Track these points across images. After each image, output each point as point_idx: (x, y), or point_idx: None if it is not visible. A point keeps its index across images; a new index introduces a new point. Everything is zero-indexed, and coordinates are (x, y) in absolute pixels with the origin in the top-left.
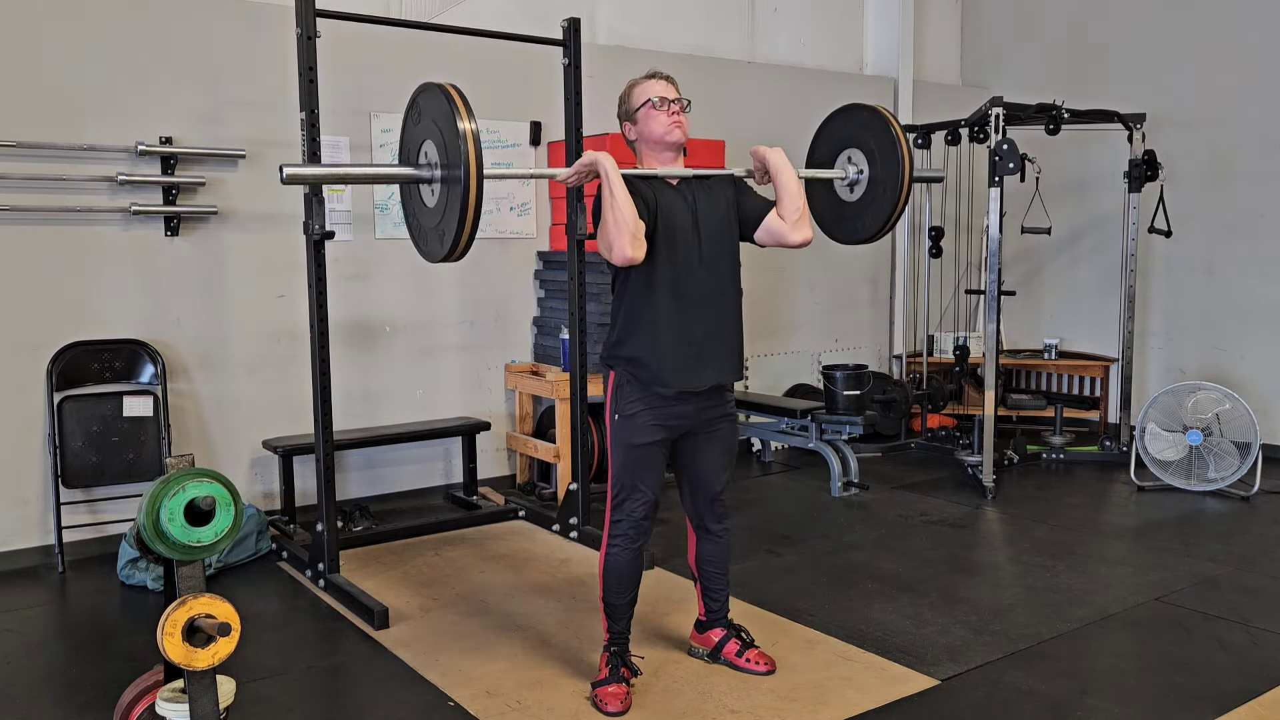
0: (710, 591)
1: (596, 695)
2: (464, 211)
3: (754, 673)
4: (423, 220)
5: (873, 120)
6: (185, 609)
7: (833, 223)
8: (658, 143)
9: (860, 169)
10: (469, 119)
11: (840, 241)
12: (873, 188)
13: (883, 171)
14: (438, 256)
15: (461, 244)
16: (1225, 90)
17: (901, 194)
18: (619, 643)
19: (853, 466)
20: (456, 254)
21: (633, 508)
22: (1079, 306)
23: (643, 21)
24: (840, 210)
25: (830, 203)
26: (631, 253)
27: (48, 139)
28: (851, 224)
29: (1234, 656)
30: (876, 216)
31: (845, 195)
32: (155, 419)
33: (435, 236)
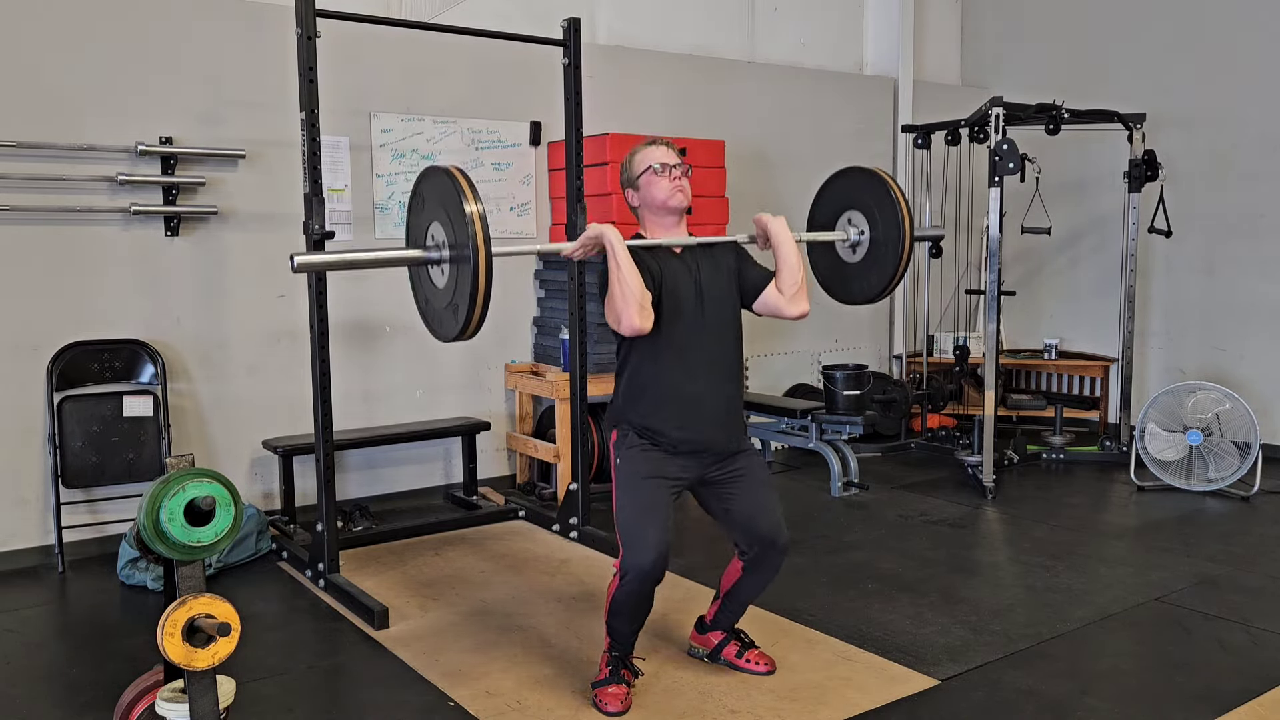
0: (729, 609)
1: (596, 695)
2: (474, 292)
3: (754, 673)
4: (433, 300)
5: (872, 183)
6: (185, 609)
7: (836, 284)
8: (660, 208)
9: (861, 230)
10: (474, 201)
11: (843, 302)
12: (874, 249)
13: (883, 233)
14: (450, 336)
15: (473, 324)
16: (1225, 90)
17: (903, 255)
18: (621, 649)
19: (853, 466)
20: (469, 333)
21: (639, 558)
22: (1079, 306)
23: (643, 21)
24: (842, 271)
25: (832, 264)
26: (639, 324)
27: (48, 139)
28: (854, 284)
29: (1234, 656)
30: (880, 277)
31: (847, 257)
32: (155, 419)
33: (447, 315)
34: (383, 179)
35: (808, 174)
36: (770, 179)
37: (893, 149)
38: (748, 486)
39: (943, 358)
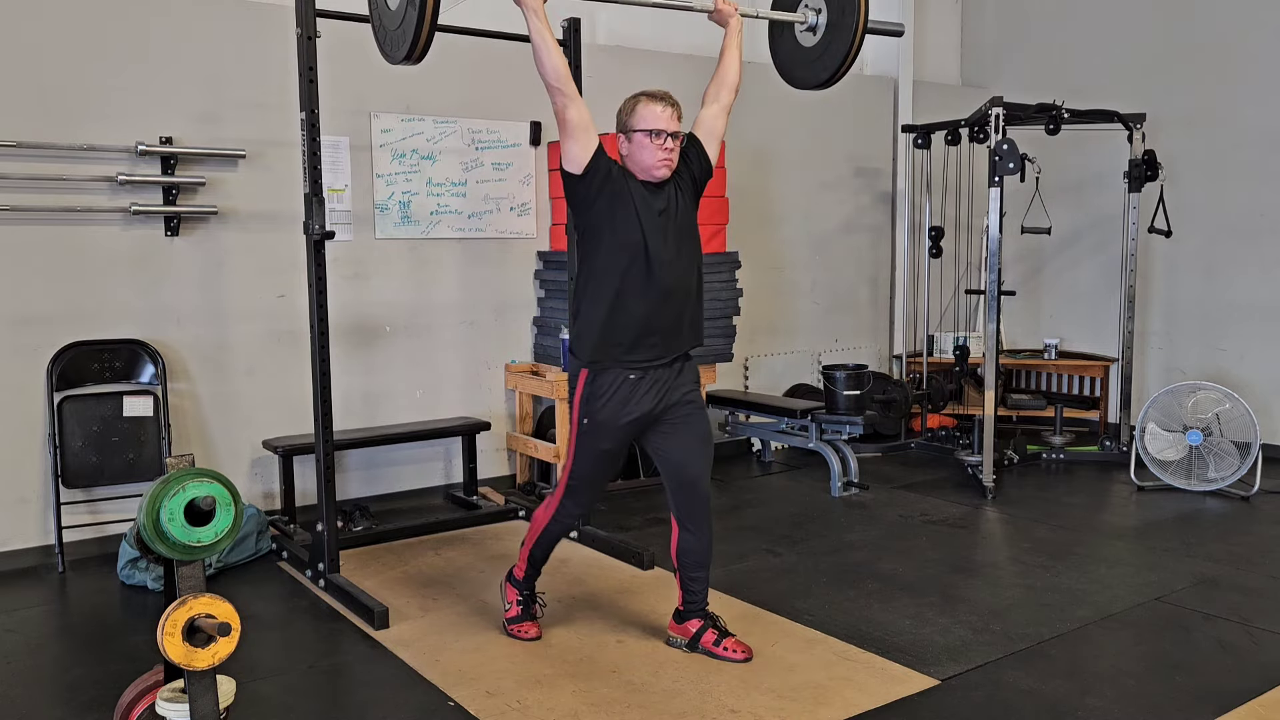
0: (689, 583)
1: (513, 630)
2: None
3: (732, 660)
4: (386, 23)
5: None
6: (185, 609)
7: (792, 66)
8: (644, 172)
9: (819, 11)
10: None
11: (797, 85)
12: (830, 32)
13: (839, 18)
14: (398, 57)
15: (421, 41)
16: (1225, 90)
17: (855, 38)
18: (529, 587)
19: (853, 466)
20: (416, 53)
21: (581, 499)
22: (1079, 306)
23: (643, 21)
24: (799, 54)
25: (790, 47)
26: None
27: (48, 139)
28: (808, 68)
29: (1234, 656)
30: (830, 60)
31: (804, 41)
32: (155, 419)
33: (397, 37)
34: (383, 179)
35: (808, 174)
36: (770, 179)
37: (893, 149)
38: (686, 435)
39: (943, 358)
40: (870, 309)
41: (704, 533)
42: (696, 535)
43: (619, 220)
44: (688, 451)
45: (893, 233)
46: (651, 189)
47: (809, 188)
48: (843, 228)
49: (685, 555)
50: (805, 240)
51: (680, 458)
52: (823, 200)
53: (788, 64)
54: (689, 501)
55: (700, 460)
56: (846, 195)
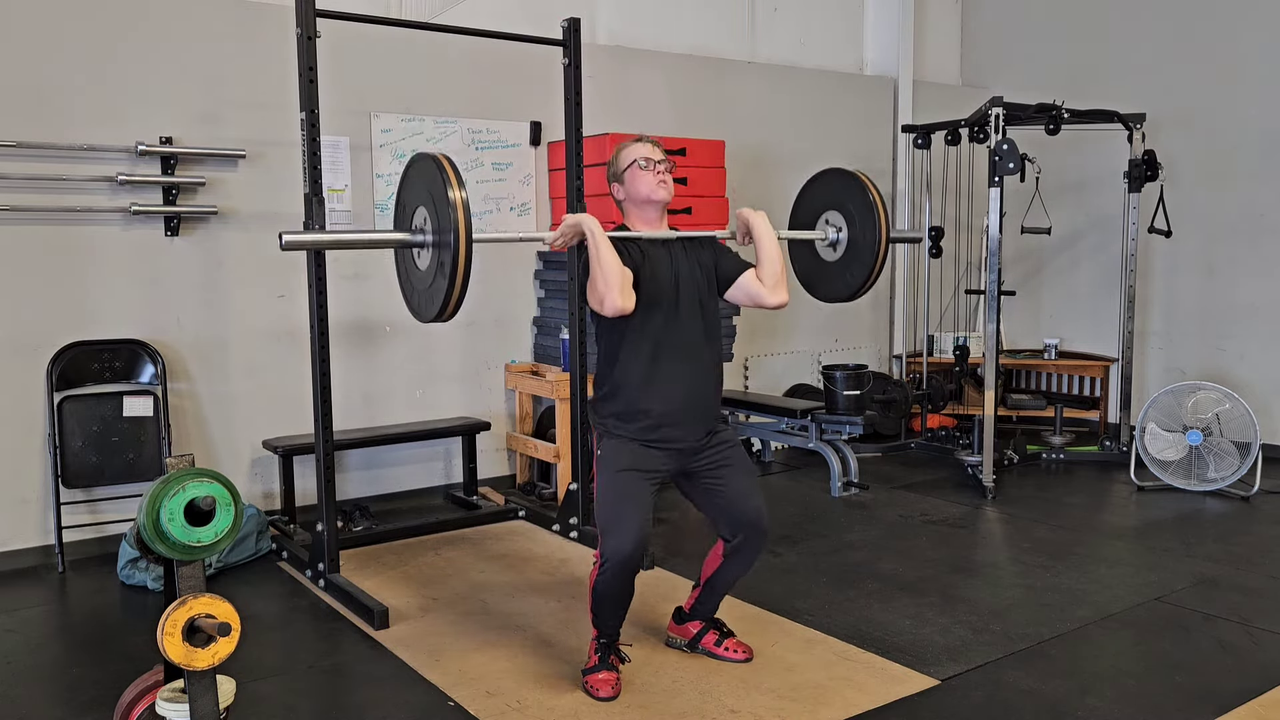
0: (708, 598)
1: (587, 682)
2: (453, 275)
3: (733, 660)
4: (415, 282)
5: (851, 184)
6: (185, 609)
7: (814, 282)
8: (644, 201)
9: (839, 229)
10: (459, 188)
11: (821, 299)
12: (852, 249)
13: (861, 234)
14: (428, 317)
15: (451, 306)
16: (1225, 90)
17: (879, 255)
18: (609, 636)
19: (853, 466)
20: (446, 315)
21: (618, 544)
22: (1079, 306)
23: (643, 21)
24: (821, 270)
25: (812, 262)
26: (621, 303)
27: (48, 139)
28: (832, 283)
29: (1234, 656)
30: (856, 276)
31: (826, 255)
32: (155, 419)
33: (426, 298)
34: (383, 179)
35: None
36: (770, 179)
37: (893, 149)
38: (730, 474)
39: (943, 358)
40: (870, 309)
41: (751, 565)
42: (744, 567)
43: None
44: (739, 487)
45: None
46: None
47: None
48: None
49: (720, 579)
50: None
51: (733, 494)
52: None
53: (809, 278)
54: (749, 539)
55: (755, 493)
56: None
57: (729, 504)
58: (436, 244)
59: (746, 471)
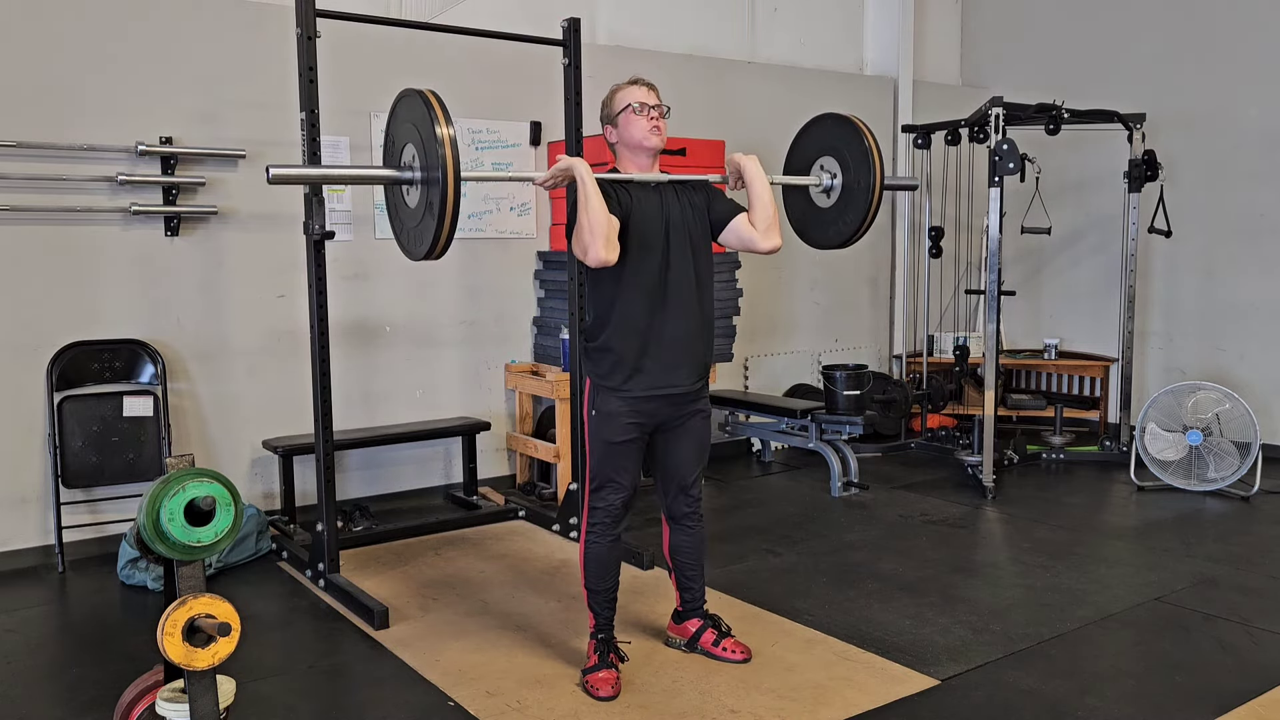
0: (685, 582)
1: (587, 681)
2: (442, 213)
3: (730, 660)
4: (404, 220)
5: (846, 129)
6: (185, 609)
7: (807, 228)
8: (636, 147)
9: (834, 175)
10: (446, 124)
11: (814, 246)
12: (846, 194)
13: (855, 179)
14: (418, 255)
15: (440, 243)
16: (1225, 90)
17: (873, 200)
18: (605, 630)
19: (853, 466)
20: (436, 253)
21: (609, 498)
22: (1079, 306)
23: (643, 21)
24: (815, 216)
25: (805, 208)
26: (605, 255)
27: (48, 139)
28: (825, 229)
29: (1234, 656)
30: (849, 222)
31: (820, 202)
32: (155, 419)
33: (416, 236)
34: None
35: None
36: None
37: (893, 149)
38: (686, 441)
39: (943, 358)
40: (870, 309)
41: (695, 530)
42: (688, 534)
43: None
44: (684, 457)
45: (893, 233)
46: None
47: None
48: None
49: (678, 554)
50: None
51: (676, 461)
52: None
53: (803, 224)
54: (679, 502)
55: (695, 467)
56: None
57: (672, 466)
58: (425, 180)
59: (700, 445)
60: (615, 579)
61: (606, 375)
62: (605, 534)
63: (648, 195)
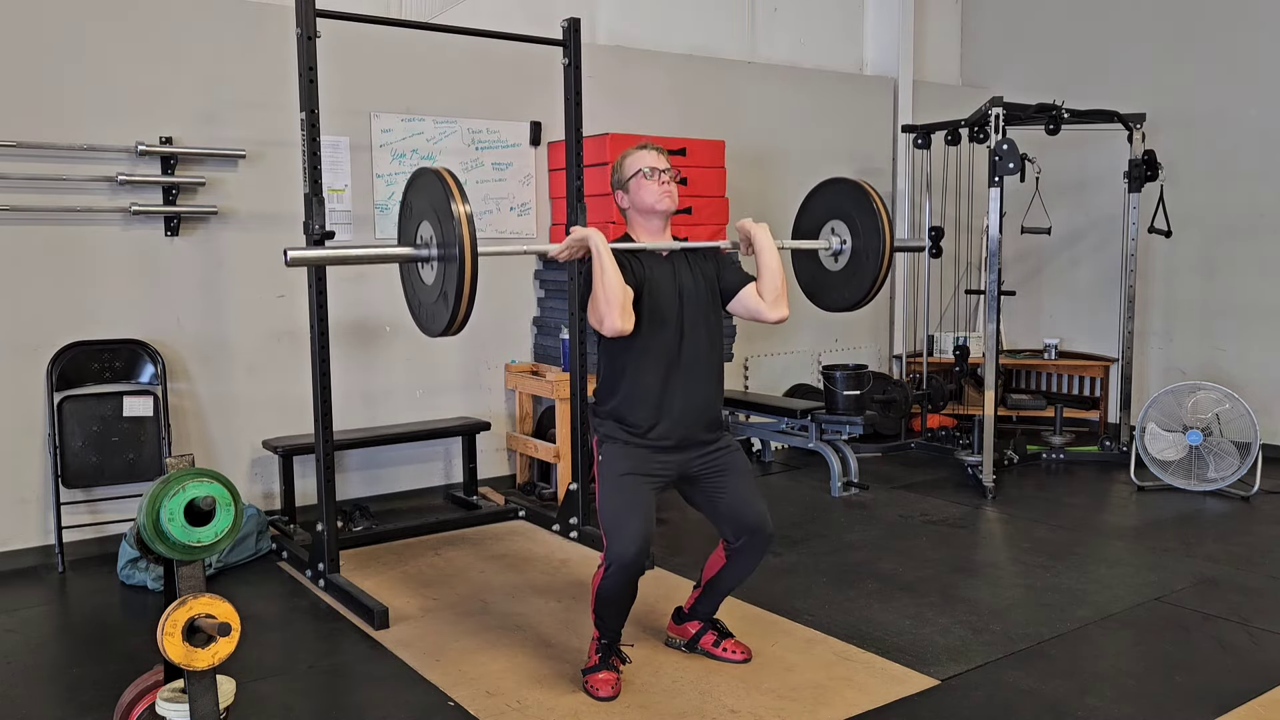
0: (709, 599)
1: (587, 682)
2: (459, 291)
3: (731, 661)
4: (421, 296)
5: (855, 193)
6: (185, 609)
7: (817, 291)
8: (649, 211)
9: (843, 240)
10: (462, 202)
11: (824, 309)
12: (855, 258)
13: (865, 243)
14: (435, 331)
15: (459, 320)
16: (1225, 90)
17: (883, 265)
18: (609, 637)
19: (853, 466)
20: (454, 329)
21: (622, 547)
22: (1079, 306)
23: (643, 21)
24: (824, 279)
25: (815, 272)
26: (621, 325)
27: (48, 139)
28: (835, 293)
29: (1234, 656)
30: (859, 286)
31: (829, 265)
32: (155, 419)
33: (434, 311)
34: (383, 179)
35: (808, 174)
36: (770, 179)
37: (893, 149)
38: (732, 480)
39: (943, 358)
40: (870, 309)
41: (753, 568)
42: (746, 570)
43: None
44: (742, 493)
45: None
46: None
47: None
48: None
49: (722, 581)
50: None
51: (735, 500)
52: None
53: (812, 287)
54: (754, 543)
55: (757, 499)
56: None
57: (731, 509)
58: (442, 258)
59: (746, 475)
60: (627, 613)
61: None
62: (620, 578)
63: (660, 264)
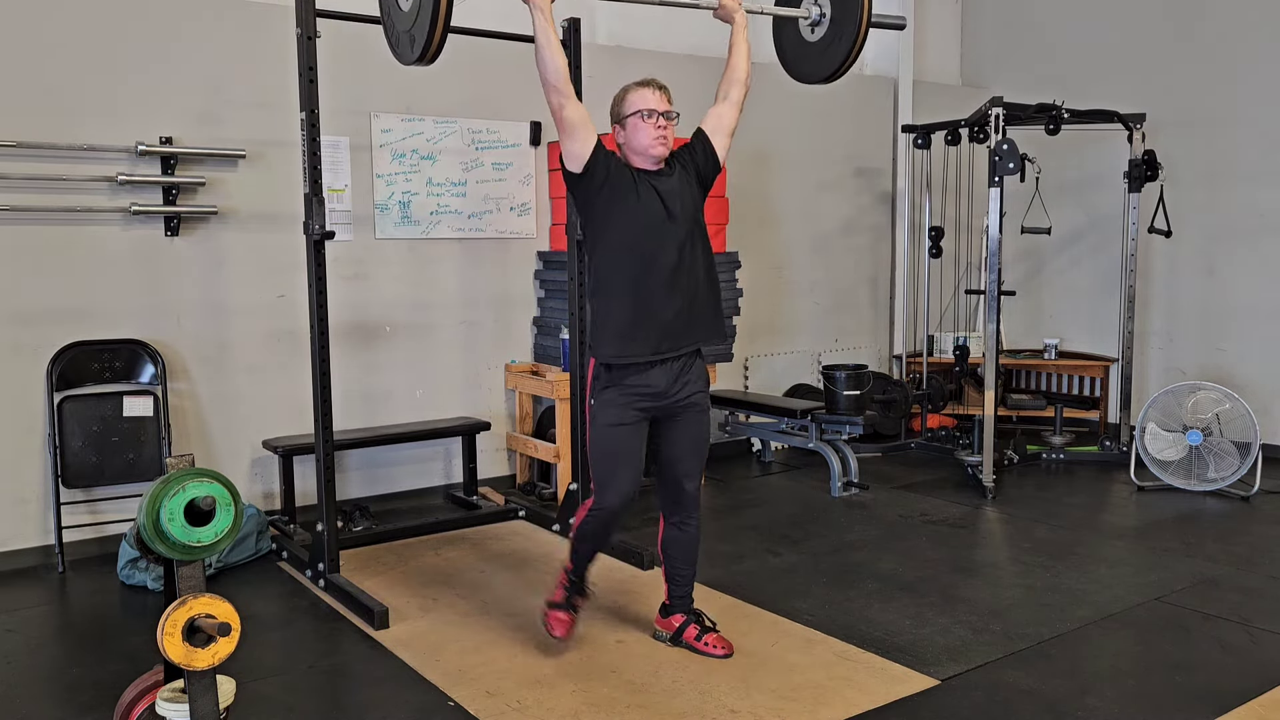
0: (675, 578)
1: (546, 615)
2: (435, 13)
3: (712, 656)
4: (397, 24)
5: None
6: (185, 609)
7: (794, 61)
8: (642, 153)
9: (822, 10)
10: None
11: (799, 79)
12: (834, 27)
13: (842, 12)
14: (410, 59)
15: (434, 45)
16: (1225, 90)
17: (860, 33)
18: (578, 572)
19: (853, 466)
20: (429, 55)
21: (609, 499)
22: (1079, 306)
23: (643, 21)
24: (804, 49)
25: (794, 42)
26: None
27: (48, 139)
28: (812, 62)
29: (1234, 656)
30: (836, 55)
31: (808, 35)
32: (155, 419)
33: (408, 40)
34: (383, 179)
35: (808, 174)
36: (770, 179)
37: (893, 149)
38: (683, 435)
39: (943, 358)
40: (870, 309)
41: (689, 528)
42: (682, 530)
43: (621, 215)
44: (682, 451)
45: (893, 233)
46: (653, 180)
47: (809, 188)
48: (843, 228)
49: (671, 548)
50: (805, 240)
51: (674, 455)
52: (823, 200)
53: (792, 58)
54: (676, 498)
55: (692, 461)
56: (846, 195)
57: (670, 459)
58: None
59: (696, 442)
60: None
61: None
62: (603, 521)
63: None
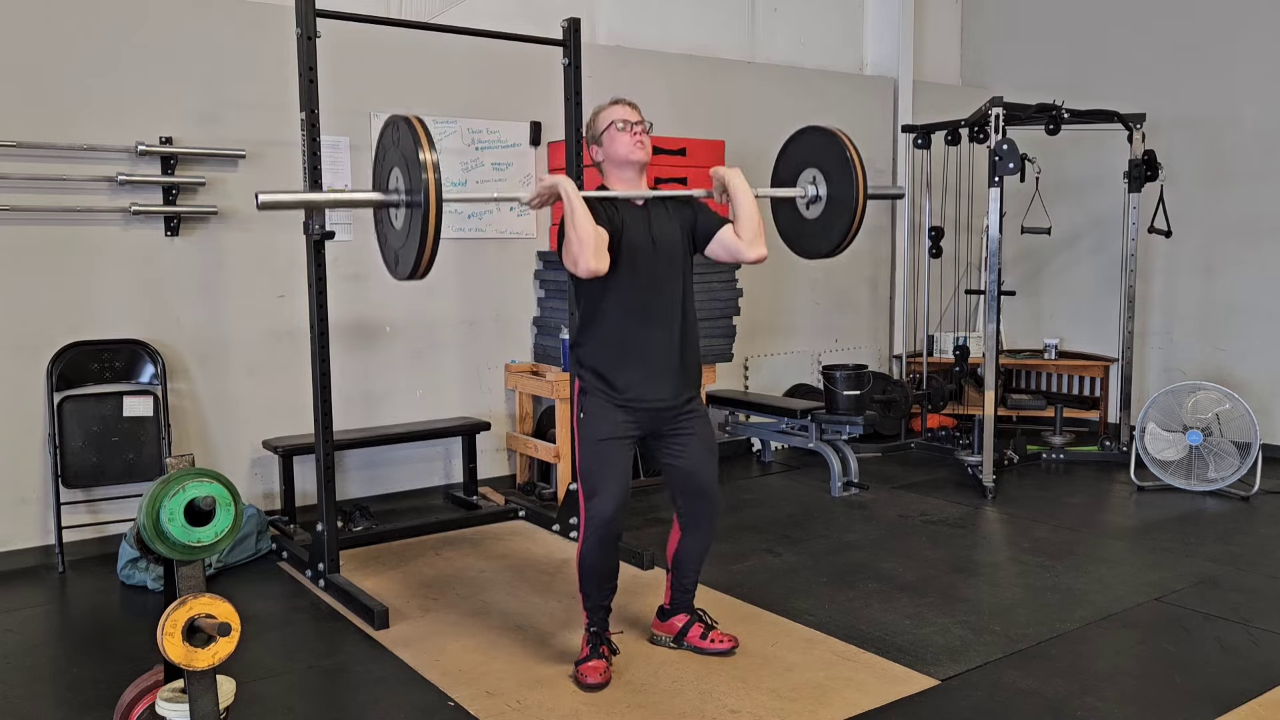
0: (682, 581)
1: (578, 671)
2: (424, 235)
3: (719, 651)
4: (391, 241)
5: (828, 141)
6: (185, 609)
7: (794, 239)
8: (622, 162)
9: (818, 189)
10: (429, 150)
11: (802, 256)
12: (831, 206)
13: (838, 191)
14: (403, 275)
15: (423, 264)
16: (1225, 90)
17: (857, 211)
18: (598, 623)
19: (853, 466)
20: (419, 273)
21: (601, 506)
22: (1079, 306)
23: (643, 21)
24: (801, 227)
25: (792, 220)
26: (595, 264)
27: (48, 139)
28: (811, 240)
29: (1234, 656)
30: (836, 233)
31: (805, 213)
32: (155, 419)
33: (401, 256)
34: None
35: None
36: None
37: (893, 149)
38: (693, 445)
39: (943, 358)
40: (870, 309)
41: (708, 538)
42: (700, 541)
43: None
44: (696, 460)
45: (893, 233)
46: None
47: None
48: None
49: (685, 558)
50: None
51: (689, 466)
52: None
53: (791, 235)
54: (699, 509)
55: (710, 468)
56: None
57: (684, 473)
58: (409, 204)
59: (707, 448)
60: (611, 586)
61: (594, 384)
62: (599, 543)
63: (635, 213)
